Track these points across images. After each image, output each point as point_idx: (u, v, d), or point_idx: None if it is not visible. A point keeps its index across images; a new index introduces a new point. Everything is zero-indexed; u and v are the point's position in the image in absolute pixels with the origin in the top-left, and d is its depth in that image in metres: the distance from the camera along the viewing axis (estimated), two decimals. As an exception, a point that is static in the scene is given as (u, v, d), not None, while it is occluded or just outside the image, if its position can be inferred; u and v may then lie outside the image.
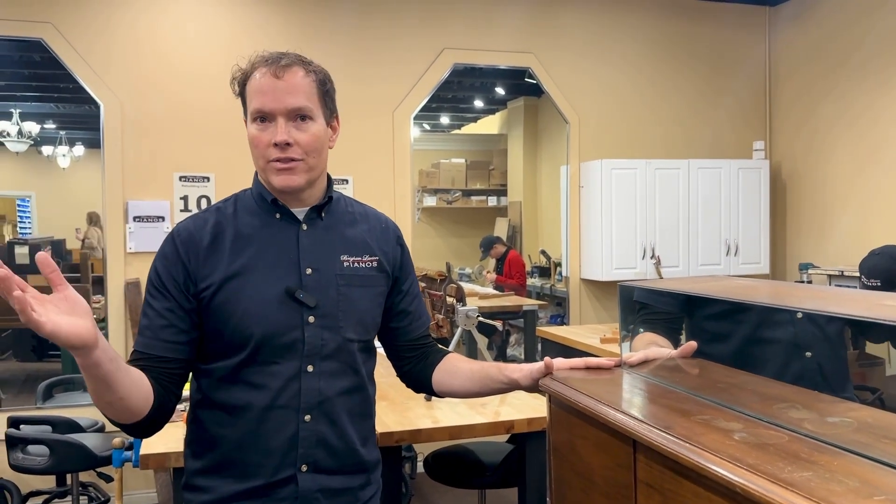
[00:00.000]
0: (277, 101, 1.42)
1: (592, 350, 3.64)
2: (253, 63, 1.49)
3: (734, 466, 0.98)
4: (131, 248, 4.14)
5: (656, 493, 1.17)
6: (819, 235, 4.87)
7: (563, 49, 4.79)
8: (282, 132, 1.42)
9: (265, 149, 1.44)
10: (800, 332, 1.78)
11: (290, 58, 1.48)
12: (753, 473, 0.96)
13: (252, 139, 1.45)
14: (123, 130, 4.11)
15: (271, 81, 1.43)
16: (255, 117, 1.44)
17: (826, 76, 4.79)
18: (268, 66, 1.45)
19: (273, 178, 1.45)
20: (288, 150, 1.43)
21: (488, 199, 7.15)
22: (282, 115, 1.43)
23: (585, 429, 1.37)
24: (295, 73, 1.45)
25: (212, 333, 1.45)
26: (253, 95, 1.45)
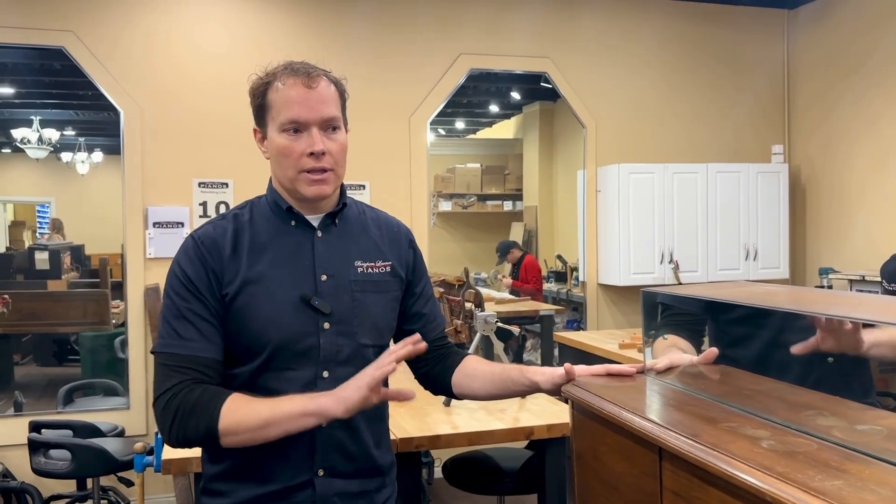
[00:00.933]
0: (312, 111, 1.43)
1: (611, 356, 3.63)
2: (273, 72, 1.49)
3: (764, 475, 0.97)
4: (151, 254, 4.17)
5: (683, 501, 1.16)
6: (839, 240, 4.83)
7: (579, 53, 4.79)
8: (318, 142, 1.43)
9: (298, 158, 1.44)
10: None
11: (315, 68, 1.49)
12: (783, 482, 0.95)
13: (283, 149, 1.45)
14: (143, 137, 4.14)
15: (304, 91, 1.44)
16: (288, 127, 1.44)
17: (844, 79, 4.76)
18: (297, 77, 1.45)
19: (306, 187, 1.45)
20: (322, 160, 1.44)
21: (503, 204, 7.15)
22: (315, 125, 1.44)
23: (609, 436, 1.36)
24: (323, 82, 1.47)
25: (229, 339, 1.46)
26: (283, 105, 1.44)
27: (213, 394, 1.36)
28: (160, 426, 1.39)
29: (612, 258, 4.72)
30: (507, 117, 7.36)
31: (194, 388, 1.37)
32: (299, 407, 1.33)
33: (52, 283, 5.78)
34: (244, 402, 1.35)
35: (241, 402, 1.36)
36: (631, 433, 1.27)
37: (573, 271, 5.88)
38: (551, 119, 6.71)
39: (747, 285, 1.81)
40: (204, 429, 1.34)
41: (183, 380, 1.37)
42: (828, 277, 4.42)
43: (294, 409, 1.33)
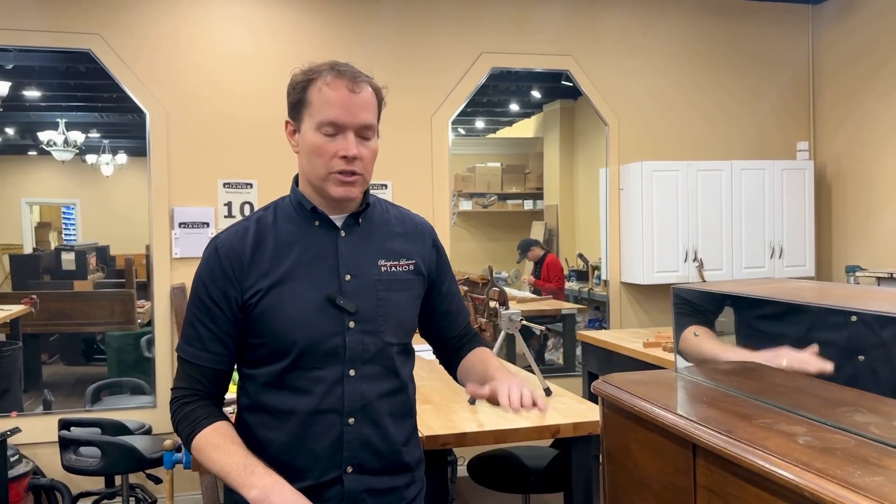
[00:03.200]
0: (352, 116, 1.45)
1: (636, 355, 3.61)
2: (318, 70, 1.49)
3: (802, 470, 0.97)
4: (177, 254, 4.21)
5: (717, 498, 1.16)
6: (865, 237, 4.77)
7: (601, 51, 4.77)
8: (353, 147, 1.45)
9: (330, 159, 1.46)
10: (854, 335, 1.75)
11: (357, 71, 1.50)
12: (822, 478, 0.94)
13: (318, 148, 1.46)
14: (169, 138, 4.18)
15: (347, 95, 1.45)
16: (326, 127, 1.46)
17: (870, 75, 4.70)
18: (342, 79, 1.46)
19: (333, 188, 1.47)
20: (353, 164, 1.46)
21: (524, 203, 7.13)
22: (353, 129, 1.46)
23: (641, 433, 1.36)
24: (365, 88, 1.48)
25: (256, 340, 1.49)
26: (324, 105, 1.45)
27: (199, 416, 1.46)
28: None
29: (635, 256, 4.70)
30: (528, 116, 7.34)
31: (189, 401, 1.47)
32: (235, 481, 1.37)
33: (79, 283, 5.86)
34: (215, 443, 1.43)
35: (214, 438, 1.43)
36: (664, 430, 1.26)
37: (595, 270, 5.85)
38: (572, 117, 6.68)
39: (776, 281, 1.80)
40: (184, 441, 1.47)
41: (185, 387, 1.49)
42: (855, 275, 4.37)
43: (232, 481, 1.38)
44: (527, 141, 7.41)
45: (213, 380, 1.50)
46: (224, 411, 1.52)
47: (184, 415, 1.47)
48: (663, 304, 4.89)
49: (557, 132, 6.75)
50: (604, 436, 1.53)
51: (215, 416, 1.47)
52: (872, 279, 4.20)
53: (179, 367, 1.52)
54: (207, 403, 1.49)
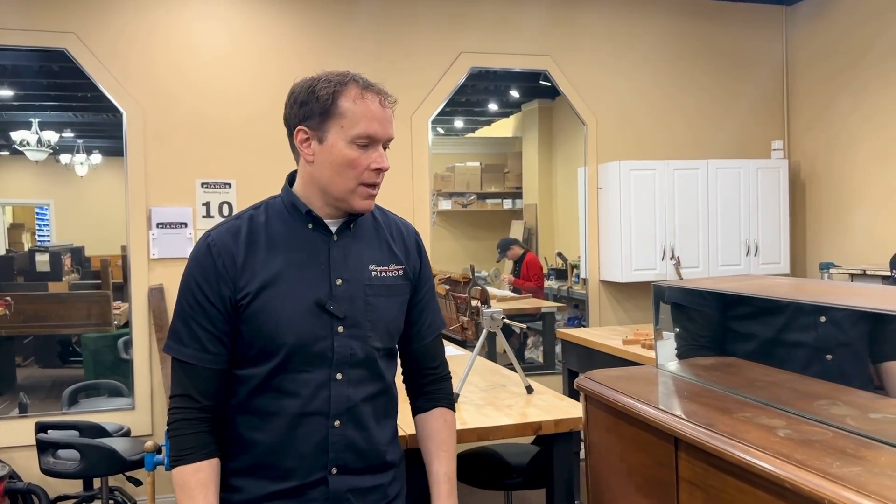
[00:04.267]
0: (385, 130, 1.49)
1: (615, 352, 3.64)
2: (342, 80, 1.48)
3: (782, 462, 0.99)
4: (154, 255, 4.17)
5: (699, 491, 1.18)
6: (839, 234, 4.85)
7: (579, 51, 4.80)
8: (385, 160, 1.49)
9: (362, 172, 1.48)
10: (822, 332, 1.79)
11: (381, 86, 1.52)
12: (802, 469, 0.97)
13: (352, 160, 1.47)
14: (146, 138, 4.14)
15: (381, 110, 1.48)
16: (361, 140, 1.46)
17: (843, 74, 4.78)
18: (374, 93, 1.48)
19: (359, 201, 1.50)
20: (380, 177, 1.50)
21: (503, 203, 7.16)
22: (383, 143, 1.49)
23: (624, 428, 1.38)
24: (390, 104, 1.51)
25: (246, 341, 1.49)
26: (360, 118, 1.46)
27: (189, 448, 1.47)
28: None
29: (613, 255, 4.74)
30: (506, 116, 7.37)
31: (187, 426, 1.47)
32: None
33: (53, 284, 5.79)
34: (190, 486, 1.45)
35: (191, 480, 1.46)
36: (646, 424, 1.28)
37: (573, 269, 5.89)
38: (550, 117, 6.72)
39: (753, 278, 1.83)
40: (172, 459, 1.49)
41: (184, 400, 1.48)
42: (828, 272, 4.44)
43: None
44: (505, 140, 7.43)
45: (215, 381, 1.48)
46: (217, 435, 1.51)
47: (175, 437, 1.48)
48: (641, 301, 4.93)
49: (536, 132, 6.78)
50: (586, 431, 1.55)
51: (202, 451, 1.46)
52: (846, 276, 4.27)
53: (177, 371, 1.49)
54: (204, 428, 1.47)
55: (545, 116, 6.73)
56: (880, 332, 1.85)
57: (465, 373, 2.69)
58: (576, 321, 5.62)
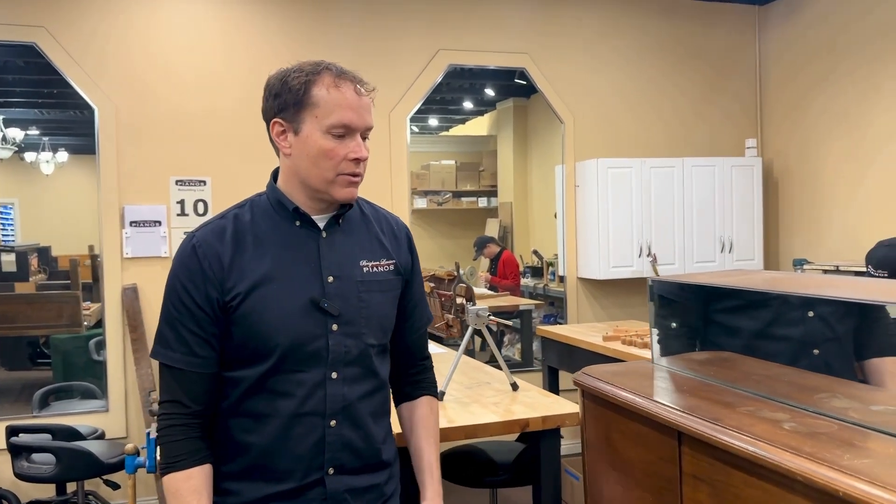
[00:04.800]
0: (361, 119, 1.44)
1: (595, 348, 3.65)
2: (316, 70, 1.45)
3: (793, 455, 0.99)
4: (128, 254, 4.09)
5: (704, 485, 1.18)
6: (811, 231, 4.93)
7: (557, 49, 4.81)
8: (364, 149, 1.45)
9: (339, 162, 1.44)
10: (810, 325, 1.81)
11: (357, 74, 1.48)
12: (813, 461, 0.97)
13: (328, 151, 1.43)
14: (118, 135, 4.06)
15: (357, 98, 1.43)
16: (337, 131, 1.43)
17: (815, 73, 4.85)
18: (348, 81, 1.44)
19: (340, 190, 1.46)
20: (360, 166, 1.46)
21: (479, 201, 7.17)
22: (360, 131, 1.45)
23: (624, 423, 1.38)
24: (367, 92, 1.47)
25: (237, 342, 1.45)
26: (334, 107, 1.42)
27: (180, 454, 1.43)
28: None
29: (591, 252, 4.76)
30: (481, 114, 7.38)
31: (178, 432, 1.44)
32: None
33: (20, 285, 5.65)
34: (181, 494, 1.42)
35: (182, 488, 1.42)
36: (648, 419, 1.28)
37: (549, 266, 5.91)
38: (525, 115, 6.74)
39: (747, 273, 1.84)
40: (162, 466, 1.44)
41: (174, 406, 1.44)
42: (802, 268, 4.51)
43: None
44: (480, 139, 7.44)
45: (205, 385, 1.45)
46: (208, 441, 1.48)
47: (166, 443, 1.44)
48: (618, 298, 4.96)
49: (511, 130, 6.79)
50: (584, 427, 1.54)
51: (193, 457, 1.43)
52: (819, 272, 4.33)
53: (166, 377, 1.46)
54: (194, 434, 1.45)
55: (520, 115, 6.74)
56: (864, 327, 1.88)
57: (450, 370, 2.68)
58: (552, 318, 5.64)
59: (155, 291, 4.11)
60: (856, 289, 1.50)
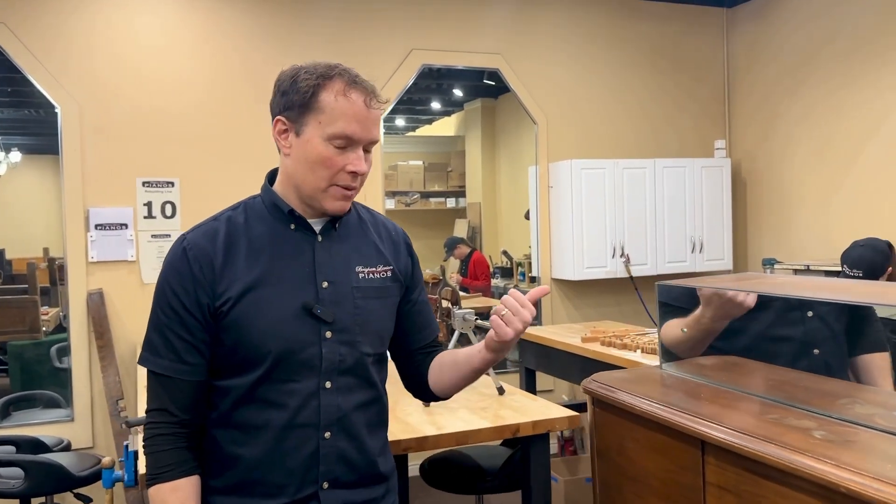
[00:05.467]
0: (366, 132, 1.39)
1: (574, 350, 3.65)
2: (328, 74, 1.39)
3: (834, 466, 0.97)
4: (93, 258, 3.96)
5: (729, 496, 1.16)
6: (779, 231, 5.00)
7: (530, 50, 4.80)
8: (363, 163, 1.39)
9: (336, 172, 1.39)
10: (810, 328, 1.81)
11: (372, 85, 1.43)
12: (857, 473, 0.95)
13: (326, 159, 1.38)
14: (82, 135, 3.93)
15: (365, 111, 1.38)
16: (338, 140, 1.37)
17: (782, 75, 4.93)
18: (360, 91, 1.39)
19: (331, 202, 1.41)
20: (357, 180, 1.41)
21: (447, 201, 7.13)
22: (363, 145, 1.40)
23: (640, 431, 1.35)
24: (377, 104, 1.41)
25: (227, 349, 1.40)
26: (340, 116, 1.36)
27: (167, 464, 1.38)
28: None
29: (565, 253, 4.76)
30: (448, 115, 7.33)
31: (165, 441, 1.39)
32: None
33: (-23, 291, 5.44)
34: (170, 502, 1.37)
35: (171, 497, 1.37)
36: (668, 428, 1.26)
37: (519, 266, 5.91)
38: (493, 116, 6.72)
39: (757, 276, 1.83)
40: (149, 477, 1.39)
41: (162, 415, 1.39)
42: (772, 268, 4.57)
43: None
44: (448, 139, 7.40)
45: (194, 394, 1.40)
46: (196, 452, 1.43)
47: (152, 453, 1.39)
48: (592, 298, 4.98)
49: (479, 131, 6.77)
50: (594, 435, 1.52)
51: (180, 468, 1.38)
52: (790, 272, 4.40)
53: (153, 384, 1.41)
54: (182, 444, 1.40)
55: (488, 115, 6.72)
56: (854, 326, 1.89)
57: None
58: (522, 319, 5.63)
59: (121, 296, 3.99)
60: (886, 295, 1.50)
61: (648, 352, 3.29)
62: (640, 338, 3.52)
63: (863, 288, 1.83)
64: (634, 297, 4.97)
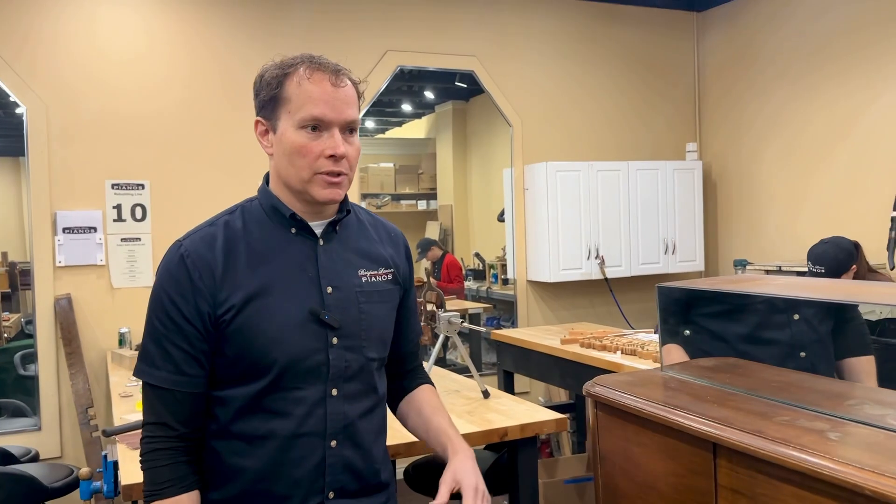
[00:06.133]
0: (337, 112, 1.34)
1: (553, 352, 3.65)
2: (293, 63, 1.37)
3: (857, 468, 0.97)
4: (61, 262, 3.85)
5: (744, 499, 1.15)
6: (749, 232, 5.08)
7: (505, 53, 4.80)
8: (340, 145, 1.34)
9: (316, 159, 1.34)
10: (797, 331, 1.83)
11: (337, 65, 1.40)
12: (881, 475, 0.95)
13: (300, 147, 1.34)
14: (49, 136, 3.82)
15: (331, 90, 1.34)
16: (308, 125, 1.34)
17: (751, 77, 5.01)
18: (323, 72, 1.35)
19: (319, 191, 1.36)
20: (340, 164, 1.35)
21: (418, 203, 7.10)
22: (338, 126, 1.35)
23: (646, 435, 1.34)
24: (347, 82, 1.38)
25: (231, 359, 1.36)
26: (306, 101, 1.33)
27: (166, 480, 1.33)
28: None
29: (541, 255, 4.77)
30: (419, 117, 7.31)
31: (163, 457, 1.34)
32: None
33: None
34: None
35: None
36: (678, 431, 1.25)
37: (491, 269, 5.91)
38: (464, 118, 6.72)
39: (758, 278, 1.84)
40: (147, 494, 1.34)
41: (159, 429, 1.35)
42: (743, 268, 4.63)
43: None
44: (419, 142, 7.37)
45: (193, 406, 1.35)
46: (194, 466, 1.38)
47: (150, 469, 1.34)
48: (567, 300, 5.00)
49: (450, 133, 6.76)
50: (597, 439, 1.50)
51: (180, 483, 1.33)
52: (761, 272, 4.46)
53: (149, 396, 1.36)
54: (181, 458, 1.35)
55: (459, 118, 6.72)
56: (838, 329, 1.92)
57: (423, 380, 2.61)
58: (495, 321, 5.63)
59: (90, 302, 3.89)
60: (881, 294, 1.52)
61: (628, 353, 3.30)
62: (619, 339, 3.53)
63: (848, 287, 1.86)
64: (609, 298, 5.00)
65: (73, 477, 2.91)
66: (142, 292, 3.99)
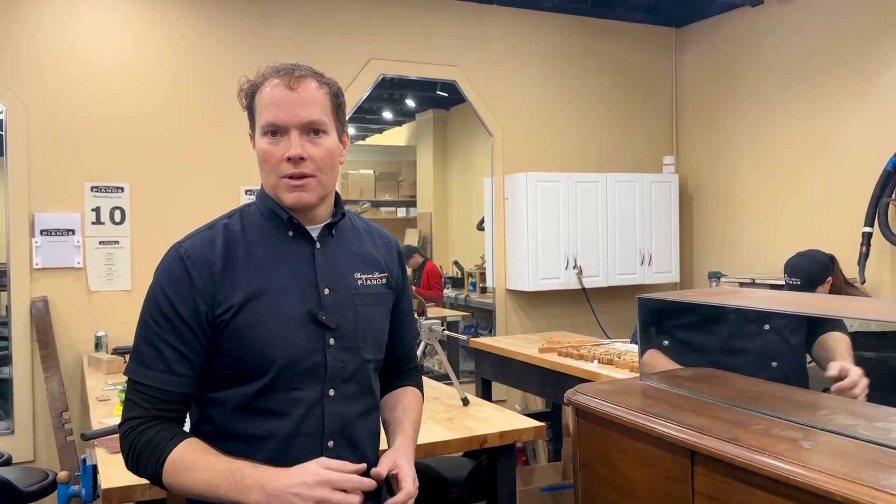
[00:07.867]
0: (291, 114, 1.36)
1: (532, 360, 3.68)
2: (263, 74, 1.41)
3: (828, 476, 1.01)
4: (38, 264, 3.82)
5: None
6: (724, 245, 5.16)
7: (487, 63, 4.85)
8: (296, 146, 1.35)
9: (277, 164, 1.37)
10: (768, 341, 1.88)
11: (303, 69, 1.42)
12: (852, 482, 0.99)
13: (263, 153, 1.38)
14: (29, 137, 3.79)
15: (285, 93, 1.36)
16: (267, 131, 1.37)
17: (727, 92, 5.10)
18: (280, 77, 1.37)
19: (285, 195, 1.38)
20: (301, 166, 1.36)
21: (398, 211, 7.13)
22: (295, 128, 1.36)
23: (626, 443, 1.38)
24: (308, 84, 1.39)
25: (228, 359, 1.37)
26: (264, 108, 1.37)
27: (164, 437, 1.31)
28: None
29: (520, 264, 4.81)
30: (399, 124, 7.35)
31: (150, 426, 1.32)
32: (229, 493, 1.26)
33: None
34: (189, 459, 1.29)
35: (187, 455, 1.30)
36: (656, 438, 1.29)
37: (469, 277, 5.95)
38: (444, 127, 6.77)
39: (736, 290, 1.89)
40: (150, 475, 1.31)
41: (141, 415, 1.33)
42: (718, 281, 4.71)
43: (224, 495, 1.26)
44: (399, 149, 7.40)
45: (179, 405, 1.36)
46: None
47: (145, 442, 1.31)
48: (545, 309, 5.04)
49: (431, 141, 6.80)
50: (578, 446, 1.54)
51: (182, 435, 1.33)
52: (735, 284, 4.53)
53: (133, 394, 1.35)
54: (170, 426, 1.34)
55: (440, 126, 6.76)
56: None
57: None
58: (472, 329, 5.66)
59: (67, 304, 3.86)
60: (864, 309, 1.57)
61: (605, 362, 3.35)
62: (596, 348, 3.58)
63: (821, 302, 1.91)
64: (586, 307, 5.05)
65: (48, 481, 2.89)
66: (119, 296, 3.96)
